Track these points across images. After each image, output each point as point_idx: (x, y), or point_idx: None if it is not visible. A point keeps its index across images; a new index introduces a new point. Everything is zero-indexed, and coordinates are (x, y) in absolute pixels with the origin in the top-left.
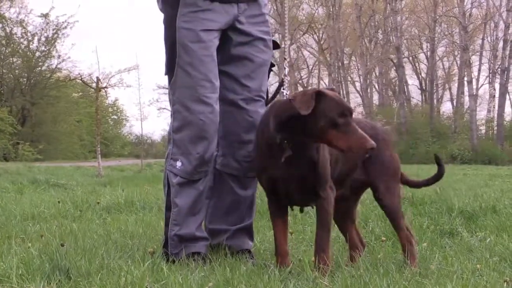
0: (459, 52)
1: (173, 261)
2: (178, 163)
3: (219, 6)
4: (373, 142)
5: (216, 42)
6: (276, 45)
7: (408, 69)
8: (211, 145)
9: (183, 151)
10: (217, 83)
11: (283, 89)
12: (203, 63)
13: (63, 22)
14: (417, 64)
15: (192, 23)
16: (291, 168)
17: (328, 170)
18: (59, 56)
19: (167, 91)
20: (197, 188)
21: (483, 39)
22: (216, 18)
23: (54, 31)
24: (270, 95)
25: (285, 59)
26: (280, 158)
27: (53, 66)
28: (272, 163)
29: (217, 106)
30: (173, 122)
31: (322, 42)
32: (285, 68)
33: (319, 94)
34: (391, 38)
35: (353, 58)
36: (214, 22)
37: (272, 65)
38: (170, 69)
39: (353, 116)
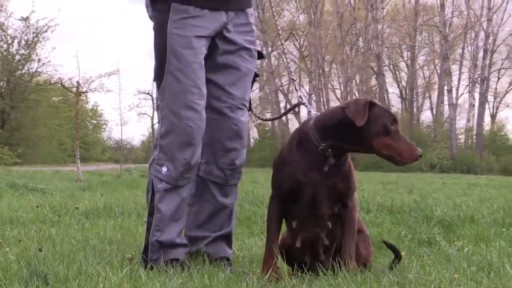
0: (439, 61)
1: (151, 268)
2: (164, 169)
3: (209, 13)
4: (421, 150)
5: (205, 51)
6: (260, 55)
7: (389, 77)
8: (197, 151)
9: (169, 156)
10: (205, 91)
11: (309, 108)
12: (193, 70)
13: (43, 25)
14: (397, 73)
15: (183, 30)
16: (325, 176)
17: (355, 182)
18: (39, 60)
19: (147, 96)
20: (180, 195)
21: (463, 48)
22: (206, 25)
23: (34, 34)
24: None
25: (293, 80)
26: (318, 166)
27: (33, 70)
28: (304, 170)
29: (204, 114)
30: (161, 128)
31: (303, 49)
32: (297, 90)
33: (371, 104)
34: (372, 46)
35: (333, 65)
36: (204, 28)
37: (256, 75)
38: (159, 75)
39: None
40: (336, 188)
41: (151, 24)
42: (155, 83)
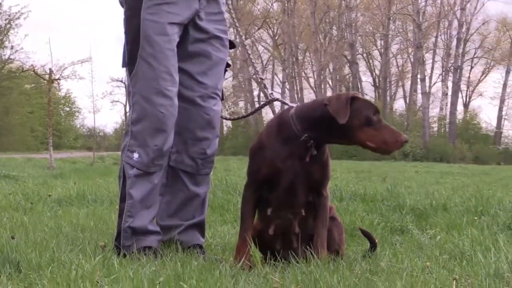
0: (412, 49)
1: (124, 255)
2: (135, 155)
3: (182, 0)
4: (406, 136)
5: (177, 38)
6: (232, 45)
7: (362, 66)
8: (169, 138)
9: (141, 143)
10: (177, 78)
11: (288, 104)
12: (166, 57)
13: (16, 12)
14: (371, 61)
15: (157, 15)
16: (305, 164)
17: (330, 171)
18: (12, 47)
19: (120, 84)
20: (152, 181)
21: (436, 37)
22: (180, 12)
23: (7, 21)
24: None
25: (261, 79)
26: (298, 154)
27: (6, 57)
28: (284, 158)
29: (176, 100)
30: (132, 114)
31: (276, 38)
32: (266, 89)
33: (353, 99)
34: (345, 34)
35: (307, 54)
36: (178, 15)
37: (228, 65)
38: (131, 61)
39: None
40: (314, 176)
41: (122, 10)
42: (125, 69)
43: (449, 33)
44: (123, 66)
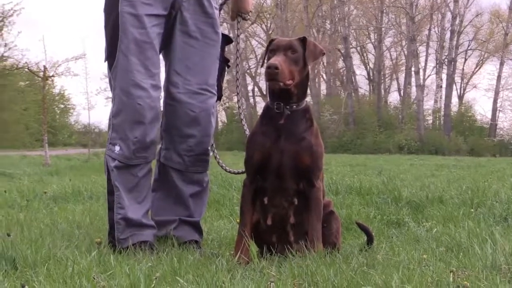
0: (406, 42)
1: (120, 252)
2: (117, 148)
3: None
4: (271, 62)
5: (157, 30)
6: (228, 40)
7: (356, 59)
8: (150, 130)
9: (121, 135)
10: (155, 71)
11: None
12: (142, 49)
13: (9, 10)
14: (364, 55)
15: (134, 8)
16: (287, 142)
17: (322, 162)
18: (5, 45)
19: None
20: (135, 174)
21: (429, 29)
22: (157, 4)
23: (0, 19)
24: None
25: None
26: (280, 127)
27: (0, 54)
28: (271, 136)
29: (154, 93)
30: (113, 107)
31: (270, 32)
32: (241, 114)
33: (270, 42)
34: (338, 28)
35: None
36: (155, 7)
37: (227, 60)
38: (111, 54)
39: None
40: (300, 157)
41: None
42: (107, 63)
43: (443, 26)
44: (105, 60)
